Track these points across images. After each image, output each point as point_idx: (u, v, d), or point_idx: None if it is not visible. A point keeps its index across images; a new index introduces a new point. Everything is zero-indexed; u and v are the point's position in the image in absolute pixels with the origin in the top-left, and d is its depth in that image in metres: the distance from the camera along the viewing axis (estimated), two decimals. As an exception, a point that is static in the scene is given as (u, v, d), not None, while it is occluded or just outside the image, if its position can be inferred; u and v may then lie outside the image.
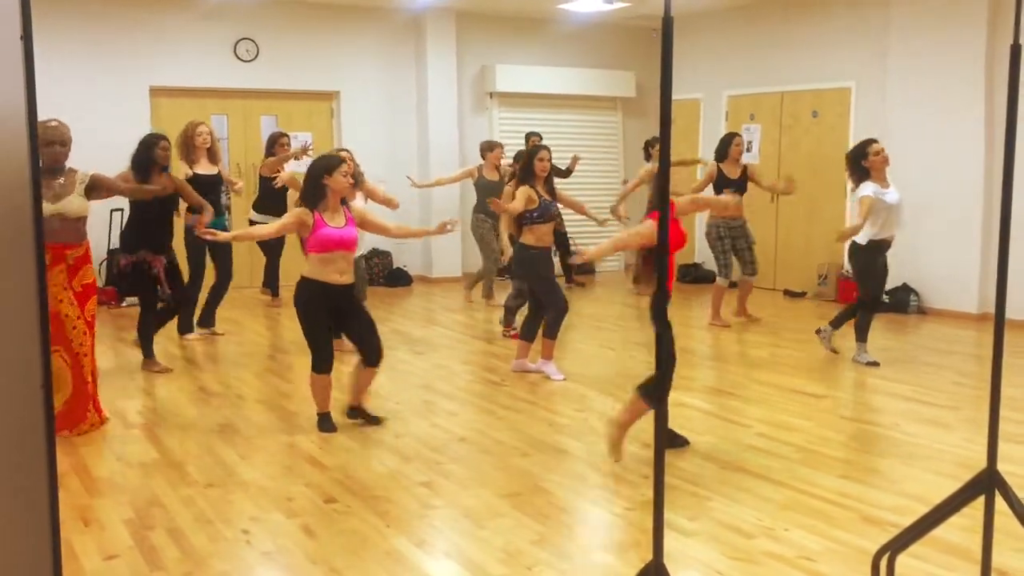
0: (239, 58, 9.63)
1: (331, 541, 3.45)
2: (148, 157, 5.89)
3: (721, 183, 7.62)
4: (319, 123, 10.31)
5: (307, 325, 4.77)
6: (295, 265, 8.68)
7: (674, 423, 4.95)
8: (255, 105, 9.91)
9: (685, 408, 5.24)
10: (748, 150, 10.11)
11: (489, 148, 8.69)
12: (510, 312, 7.25)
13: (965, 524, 3.16)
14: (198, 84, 9.44)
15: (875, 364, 6.28)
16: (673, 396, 5.50)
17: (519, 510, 3.75)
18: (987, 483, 2.38)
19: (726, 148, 7.76)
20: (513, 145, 11.06)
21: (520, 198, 5.77)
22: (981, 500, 2.66)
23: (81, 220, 4.88)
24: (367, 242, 10.32)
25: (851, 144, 9.07)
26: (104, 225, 8.65)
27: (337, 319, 4.87)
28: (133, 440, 4.71)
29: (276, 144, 8.20)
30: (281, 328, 7.69)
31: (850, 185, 6.59)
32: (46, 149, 4.75)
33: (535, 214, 5.81)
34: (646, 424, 4.92)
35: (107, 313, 8.36)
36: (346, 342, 6.37)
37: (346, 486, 4.03)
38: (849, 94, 9.09)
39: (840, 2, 9.15)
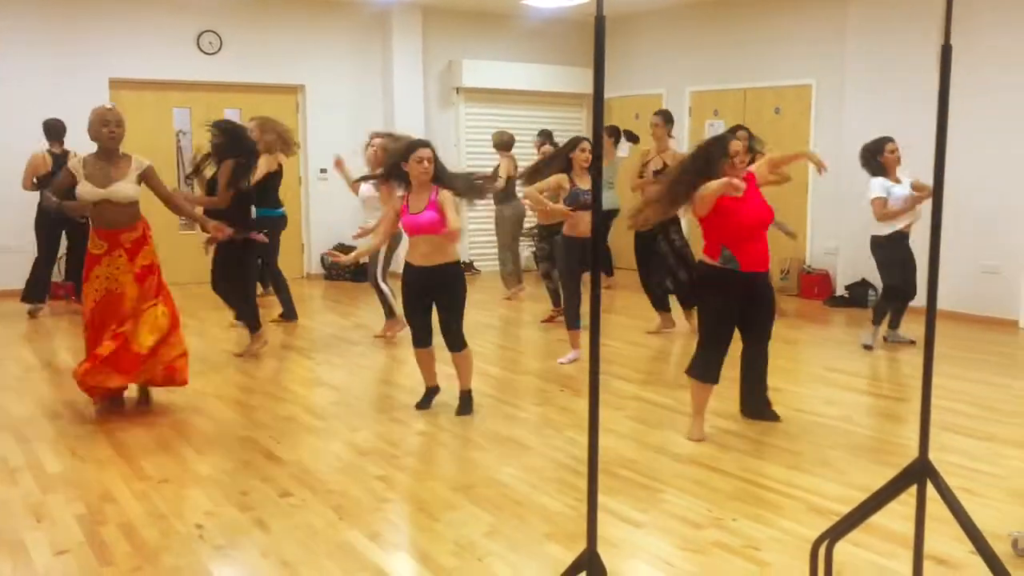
0: (202, 50, 9.57)
1: (284, 535, 3.46)
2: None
3: None
4: (284, 117, 10.12)
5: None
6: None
7: (633, 416, 5.02)
8: (219, 98, 9.84)
9: (643, 402, 5.29)
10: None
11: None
12: (556, 293, 7.46)
13: (906, 512, 3.22)
14: (160, 76, 9.36)
15: (869, 348, 6.65)
16: (631, 390, 5.59)
17: (473, 503, 3.78)
18: (919, 472, 2.44)
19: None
20: (479, 141, 11.15)
21: (550, 182, 6.12)
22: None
23: (132, 204, 4.95)
24: (332, 235, 10.34)
25: (812, 140, 9.24)
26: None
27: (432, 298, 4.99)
28: (88, 435, 4.68)
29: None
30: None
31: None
32: (102, 129, 4.90)
33: (566, 200, 6.08)
34: (616, 416, 4.98)
35: (64, 307, 8.28)
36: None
37: (302, 480, 4.04)
38: (810, 91, 9.21)
39: (801, 0, 9.25)
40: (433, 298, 4.95)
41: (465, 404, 5.08)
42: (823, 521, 3.48)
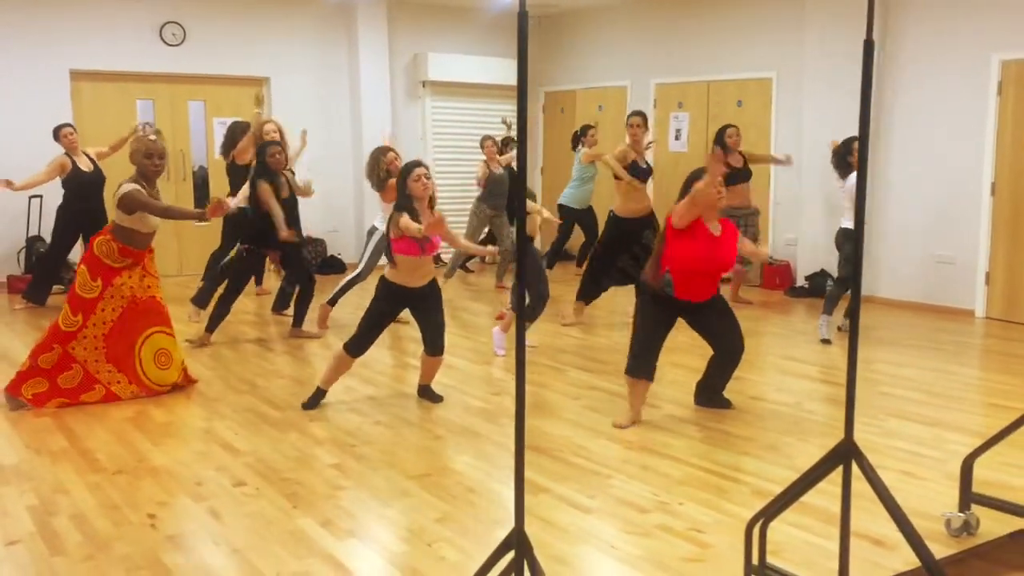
0: (165, 42, 9.50)
1: (236, 523, 3.49)
2: (264, 164, 6.49)
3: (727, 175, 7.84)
4: (249, 109, 10.17)
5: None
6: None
7: (588, 405, 5.09)
8: (182, 90, 9.79)
9: (598, 391, 5.37)
10: (677, 138, 10.33)
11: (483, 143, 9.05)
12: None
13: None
14: (122, 68, 9.29)
15: (828, 341, 6.69)
16: (587, 379, 5.66)
17: (426, 490, 3.83)
18: (844, 454, 2.52)
19: (721, 139, 7.96)
20: (445, 134, 11.20)
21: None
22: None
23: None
24: (303, 227, 10.35)
25: (773, 133, 9.36)
26: (23, 213, 8.51)
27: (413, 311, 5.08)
28: (43, 428, 4.68)
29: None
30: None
31: (837, 177, 7.02)
32: (144, 160, 5.09)
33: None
34: (572, 405, 5.04)
35: (21, 300, 8.21)
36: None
37: (257, 470, 4.07)
38: (770, 84, 9.32)
39: (761, -6, 9.37)
40: (418, 309, 5.02)
41: (435, 394, 5.23)
42: (766, 503, 3.56)
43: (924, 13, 7.97)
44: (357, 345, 4.96)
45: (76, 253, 8.40)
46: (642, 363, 4.65)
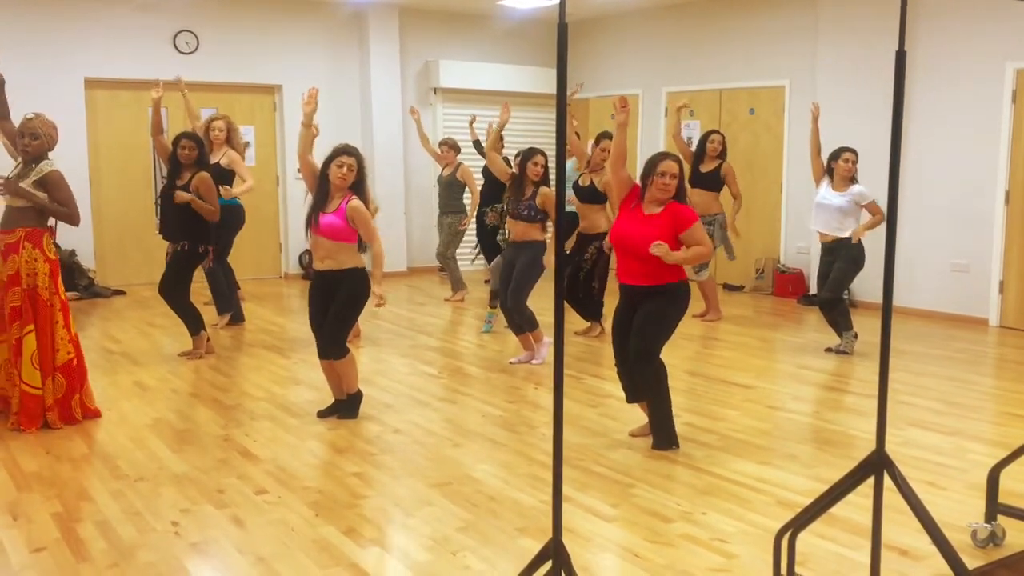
0: (179, 50, 9.55)
1: (259, 531, 3.50)
2: (174, 157, 6.34)
3: (693, 178, 7.81)
4: (262, 117, 10.27)
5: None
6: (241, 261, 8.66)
7: (606, 414, 5.09)
8: (195, 98, 9.70)
9: (615, 400, 5.36)
10: (688, 146, 10.32)
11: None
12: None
13: (870, 505, 3.30)
14: (136, 76, 9.32)
15: (847, 353, 6.63)
16: (603, 387, 5.66)
17: (448, 499, 3.83)
18: (876, 465, 2.52)
19: (703, 145, 7.99)
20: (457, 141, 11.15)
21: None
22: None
23: (12, 209, 4.80)
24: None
25: (786, 141, 9.36)
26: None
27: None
28: (64, 435, 4.69)
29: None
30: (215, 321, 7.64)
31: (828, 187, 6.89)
32: (19, 140, 4.89)
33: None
34: (590, 414, 5.04)
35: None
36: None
37: (278, 478, 4.08)
38: (783, 92, 9.32)
39: (773, 2, 9.37)
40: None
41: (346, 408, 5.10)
42: (790, 514, 3.54)
43: (939, 22, 7.97)
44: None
45: None
46: (621, 376, 4.57)
